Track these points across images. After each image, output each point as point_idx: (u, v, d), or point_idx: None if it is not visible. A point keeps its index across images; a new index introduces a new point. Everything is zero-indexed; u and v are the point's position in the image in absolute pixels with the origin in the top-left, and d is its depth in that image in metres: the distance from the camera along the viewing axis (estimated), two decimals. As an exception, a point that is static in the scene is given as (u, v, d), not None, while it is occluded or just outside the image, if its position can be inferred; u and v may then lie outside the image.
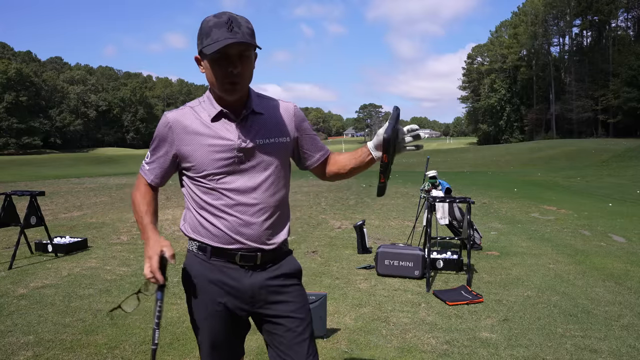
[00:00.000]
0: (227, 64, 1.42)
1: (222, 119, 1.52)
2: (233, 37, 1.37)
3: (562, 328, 3.55)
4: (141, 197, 1.61)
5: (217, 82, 1.45)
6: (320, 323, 3.32)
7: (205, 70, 1.48)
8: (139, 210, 1.59)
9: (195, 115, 1.53)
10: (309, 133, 1.67)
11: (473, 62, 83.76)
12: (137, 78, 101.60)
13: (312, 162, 1.70)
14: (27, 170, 34.73)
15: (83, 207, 11.01)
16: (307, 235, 7.39)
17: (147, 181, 1.63)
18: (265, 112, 1.57)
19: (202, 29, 1.43)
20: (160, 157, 1.58)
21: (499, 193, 13.90)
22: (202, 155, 1.50)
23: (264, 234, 1.54)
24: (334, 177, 1.73)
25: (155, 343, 1.48)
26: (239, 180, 1.51)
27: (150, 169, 1.61)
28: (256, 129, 1.53)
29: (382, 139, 1.50)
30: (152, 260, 1.43)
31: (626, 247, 6.42)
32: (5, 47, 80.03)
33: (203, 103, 1.55)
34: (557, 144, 43.04)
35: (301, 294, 1.64)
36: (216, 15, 1.42)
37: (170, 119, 1.54)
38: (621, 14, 62.06)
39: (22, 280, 4.81)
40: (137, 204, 1.61)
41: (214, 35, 1.38)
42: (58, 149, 74.78)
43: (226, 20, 1.39)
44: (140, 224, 1.57)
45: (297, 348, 1.54)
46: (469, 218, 4.89)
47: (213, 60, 1.42)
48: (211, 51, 1.37)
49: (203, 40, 1.42)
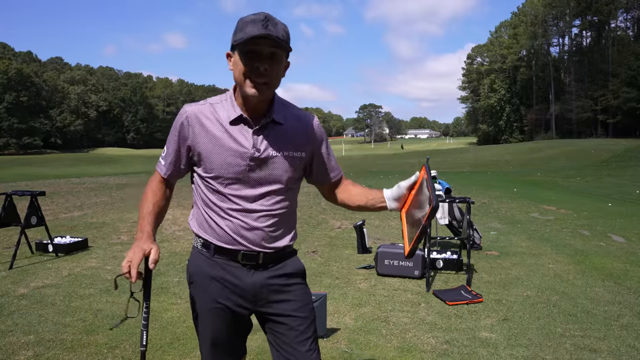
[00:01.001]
0: (256, 59, 1.38)
1: (240, 124, 1.49)
2: (266, 31, 1.35)
3: (561, 328, 3.55)
4: (152, 195, 1.58)
5: (243, 78, 1.41)
6: (320, 323, 3.33)
7: (233, 66, 1.44)
8: (144, 208, 1.55)
9: (214, 113, 1.50)
10: (326, 152, 1.64)
11: (473, 62, 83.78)
12: (138, 78, 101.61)
13: (322, 182, 1.68)
14: (28, 170, 34.72)
15: (83, 207, 11.02)
16: (307, 235, 7.39)
17: (162, 176, 1.60)
18: (284, 122, 1.52)
19: (238, 25, 1.41)
20: (176, 150, 1.55)
21: (499, 193, 13.91)
22: (215, 156, 1.48)
23: (267, 238, 1.54)
24: (338, 203, 1.72)
25: (144, 344, 1.45)
26: (247, 188, 1.50)
27: (165, 163, 1.58)
28: (272, 140, 1.49)
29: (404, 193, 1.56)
30: (136, 255, 1.40)
31: (625, 247, 6.43)
32: (6, 48, 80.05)
33: (224, 102, 1.52)
34: (556, 144, 43.06)
35: (304, 292, 1.63)
36: (254, 14, 1.40)
37: (189, 113, 1.51)
38: (621, 14, 62.13)
39: (22, 280, 4.82)
40: (144, 200, 1.56)
41: (248, 29, 1.36)
42: (58, 149, 74.81)
43: (263, 18, 1.37)
44: (140, 221, 1.54)
45: (299, 347, 1.55)
46: (469, 218, 4.90)
47: (242, 52, 1.39)
48: (243, 38, 1.35)
49: (236, 34, 1.40)
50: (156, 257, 1.42)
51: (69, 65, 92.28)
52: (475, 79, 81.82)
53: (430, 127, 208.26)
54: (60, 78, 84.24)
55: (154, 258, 1.42)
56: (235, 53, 1.43)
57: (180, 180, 1.66)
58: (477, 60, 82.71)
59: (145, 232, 1.49)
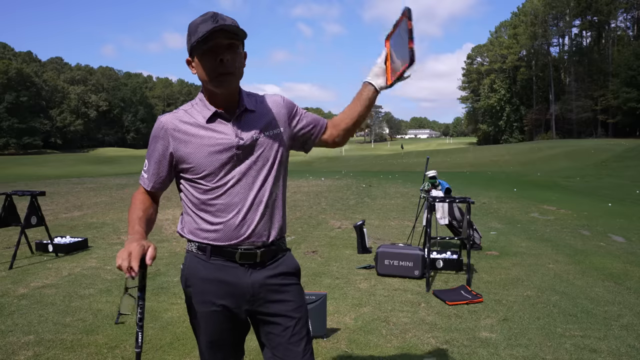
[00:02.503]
0: (216, 54, 1.44)
1: (217, 119, 1.53)
2: (218, 25, 1.40)
3: (561, 328, 3.56)
4: (140, 204, 1.58)
5: (208, 75, 1.46)
6: (320, 323, 3.33)
7: (196, 68, 1.49)
8: (133, 214, 1.54)
9: (189, 117, 1.54)
10: (302, 113, 1.70)
11: (473, 62, 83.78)
12: (138, 78, 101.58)
13: (315, 134, 1.72)
14: (28, 170, 34.73)
15: (83, 207, 11.02)
16: (307, 235, 7.39)
17: (145, 189, 1.61)
18: (256, 108, 1.59)
19: (190, 30, 1.47)
20: (157, 161, 1.57)
21: (499, 193, 13.91)
22: (201, 155, 1.50)
23: (263, 230, 1.56)
24: (344, 134, 1.74)
25: (139, 345, 1.42)
26: (238, 178, 1.52)
27: (148, 176, 1.59)
28: (251, 125, 1.55)
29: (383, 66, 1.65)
30: (135, 249, 1.34)
31: (625, 247, 6.43)
32: (6, 48, 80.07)
33: (196, 105, 1.56)
34: (556, 144, 43.04)
35: (299, 292, 1.65)
36: (201, 16, 1.47)
37: (165, 122, 1.55)
38: (620, 14, 62.11)
39: (22, 280, 4.82)
40: (133, 209, 1.56)
41: (201, 29, 1.41)
42: (58, 149, 74.86)
43: (211, 15, 1.44)
44: (131, 225, 1.50)
45: (294, 347, 1.56)
46: (469, 218, 4.90)
47: (202, 52, 1.45)
48: (199, 38, 1.40)
49: (191, 38, 1.45)
50: (154, 254, 1.38)
51: (69, 65, 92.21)
52: (475, 79, 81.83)
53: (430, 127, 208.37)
54: (60, 78, 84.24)
55: (152, 254, 1.37)
56: (195, 57, 1.48)
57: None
58: (477, 60, 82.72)
59: (138, 233, 1.46)
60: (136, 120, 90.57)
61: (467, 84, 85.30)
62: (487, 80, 75.65)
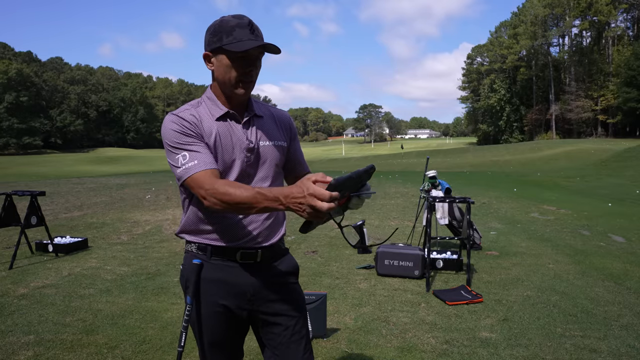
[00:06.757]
0: (248, 63, 1.45)
1: (227, 120, 1.52)
2: (257, 40, 1.42)
3: (561, 328, 3.56)
4: (229, 184, 1.35)
5: (233, 80, 1.46)
6: (320, 323, 3.33)
7: (218, 66, 1.46)
8: (247, 191, 1.30)
9: (205, 113, 1.50)
10: (298, 146, 1.72)
11: (473, 62, 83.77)
12: (138, 78, 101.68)
13: (292, 173, 1.69)
14: (28, 170, 34.73)
15: (83, 207, 11.02)
16: (307, 235, 7.39)
17: (208, 170, 1.39)
18: (264, 115, 1.60)
19: (221, 27, 1.43)
20: (199, 144, 1.43)
21: (499, 193, 13.91)
22: (217, 153, 1.48)
23: (264, 232, 1.56)
24: None
25: (182, 345, 1.47)
26: (242, 179, 1.52)
27: (199, 160, 1.40)
28: (259, 131, 1.56)
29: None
30: (313, 190, 1.16)
31: (625, 247, 6.43)
32: (6, 48, 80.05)
33: (203, 104, 1.53)
34: (556, 144, 43.05)
35: (298, 292, 1.66)
36: (235, 17, 1.44)
37: (183, 114, 1.47)
38: (620, 14, 62.12)
39: (22, 280, 4.82)
40: (237, 192, 1.31)
41: (237, 34, 1.40)
42: (59, 149, 74.86)
43: (248, 23, 1.43)
44: (268, 193, 1.26)
45: (294, 346, 1.56)
46: (469, 218, 4.90)
47: (236, 58, 1.43)
48: (240, 49, 1.39)
49: (223, 38, 1.42)
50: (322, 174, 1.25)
51: (69, 65, 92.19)
52: (475, 79, 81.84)
53: (430, 127, 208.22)
54: (60, 78, 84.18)
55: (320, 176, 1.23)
56: (219, 55, 1.45)
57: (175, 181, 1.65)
58: (477, 60, 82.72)
59: (278, 189, 1.27)
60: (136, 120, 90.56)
61: (467, 84, 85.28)
62: (487, 80, 75.63)
